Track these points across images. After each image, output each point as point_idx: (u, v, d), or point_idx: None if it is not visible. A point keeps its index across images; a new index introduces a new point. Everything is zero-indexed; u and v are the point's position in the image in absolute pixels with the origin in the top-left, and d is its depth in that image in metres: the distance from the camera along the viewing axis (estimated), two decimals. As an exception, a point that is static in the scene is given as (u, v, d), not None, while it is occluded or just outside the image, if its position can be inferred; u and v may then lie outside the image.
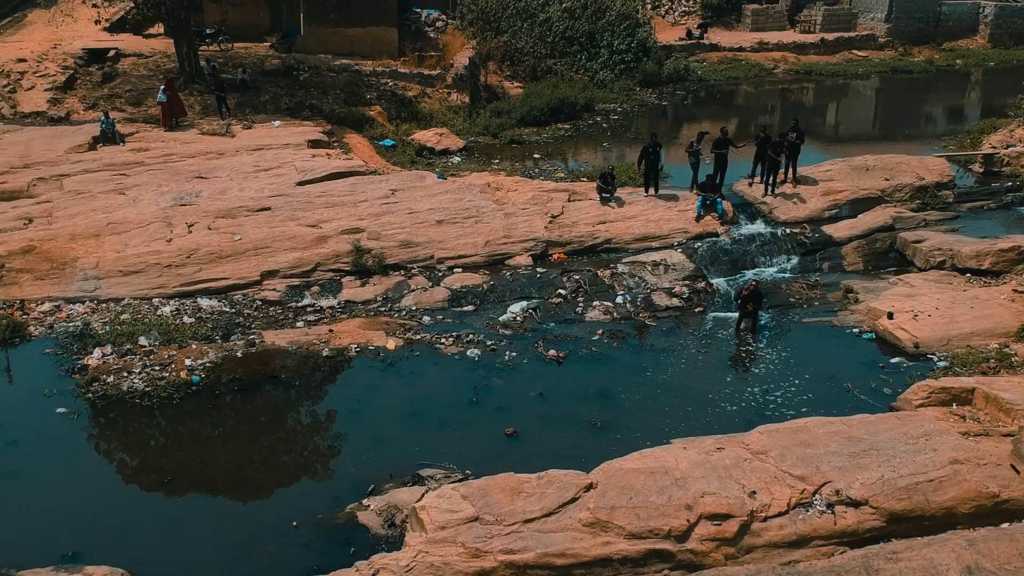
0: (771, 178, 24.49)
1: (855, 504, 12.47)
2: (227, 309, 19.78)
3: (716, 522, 12.08)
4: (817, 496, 12.57)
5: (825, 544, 12.25)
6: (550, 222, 22.86)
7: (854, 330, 19.45)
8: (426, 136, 29.41)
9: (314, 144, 26.72)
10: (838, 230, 23.50)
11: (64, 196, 22.86)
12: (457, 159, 28.64)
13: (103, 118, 26.25)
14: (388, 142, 28.78)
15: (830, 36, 49.05)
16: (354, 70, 33.93)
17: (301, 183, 23.60)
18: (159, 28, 37.33)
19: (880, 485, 12.60)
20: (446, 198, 23.30)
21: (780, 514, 12.35)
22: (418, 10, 41.19)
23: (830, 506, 12.47)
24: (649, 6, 47.59)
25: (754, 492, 12.50)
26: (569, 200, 23.90)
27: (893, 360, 18.20)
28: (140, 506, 13.69)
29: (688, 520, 12.03)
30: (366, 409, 16.40)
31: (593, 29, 40.79)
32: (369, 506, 13.46)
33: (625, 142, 32.09)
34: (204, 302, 19.98)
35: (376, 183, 23.88)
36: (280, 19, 37.76)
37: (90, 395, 16.31)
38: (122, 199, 22.69)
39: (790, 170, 24.91)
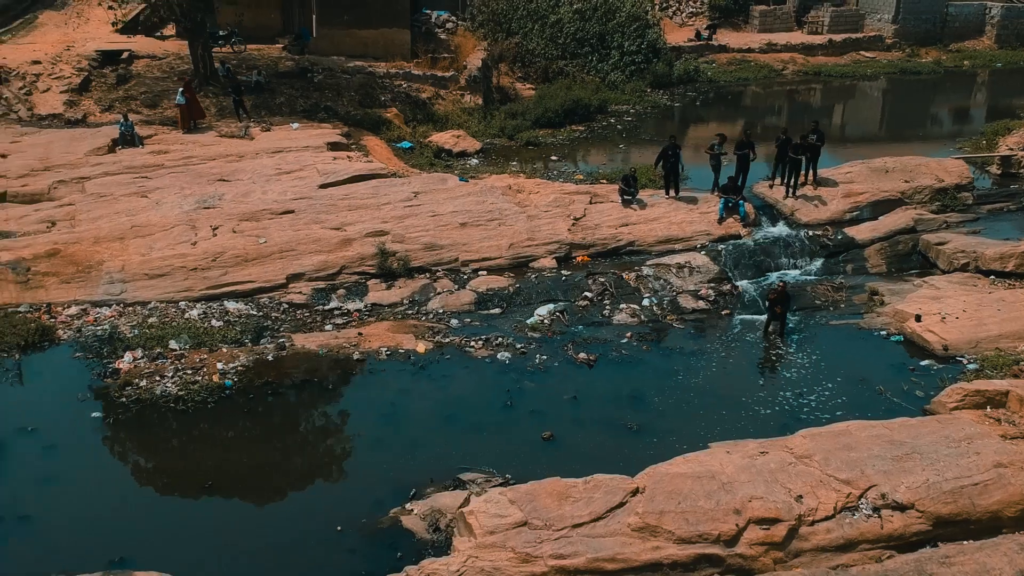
0: (792, 180, 24.50)
1: (901, 508, 12.48)
2: (254, 312, 19.76)
3: (764, 526, 12.10)
4: (863, 500, 12.59)
5: (872, 548, 12.27)
6: (573, 224, 22.86)
7: (881, 332, 19.48)
8: (443, 138, 29.41)
9: (333, 146, 26.71)
10: (860, 232, 23.52)
11: (86, 199, 22.82)
12: (475, 161, 28.64)
13: (122, 120, 26.22)
14: (406, 144, 28.77)
15: (838, 37, 49.11)
16: (368, 72, 33.90)
17: (323, 186, 23.58)
18: (171, 29, 37.29)
19: (925, 489, 12.62)
20: (468, 200, 23.29)
21: (827, 518, 12.36)
22: (428, 11, 41.10)
23: (876, 510, 12.49)
24: (657, 7, 47.62)
25: (800, 496, 12.51)
26: (591, 202, 23.89)
27: (923, 363, 18.23)
28: (183, 511, 13.69)
29: (737, 524, 12.04)
30: (400, 413, 16.38)
31: (603, 30, 40.79)
32: (412, 510, 13.45)
33: (640, 144, 32.12)
34: (231, 305, 19.96)
35: (398, 186, 23.87)
36: (292, 21, 37.70)
37: (124, 399, 16.27)
38: (145, 202, 22.66)
39: (810, 172, 24.90)
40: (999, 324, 18.99)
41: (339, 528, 13.12)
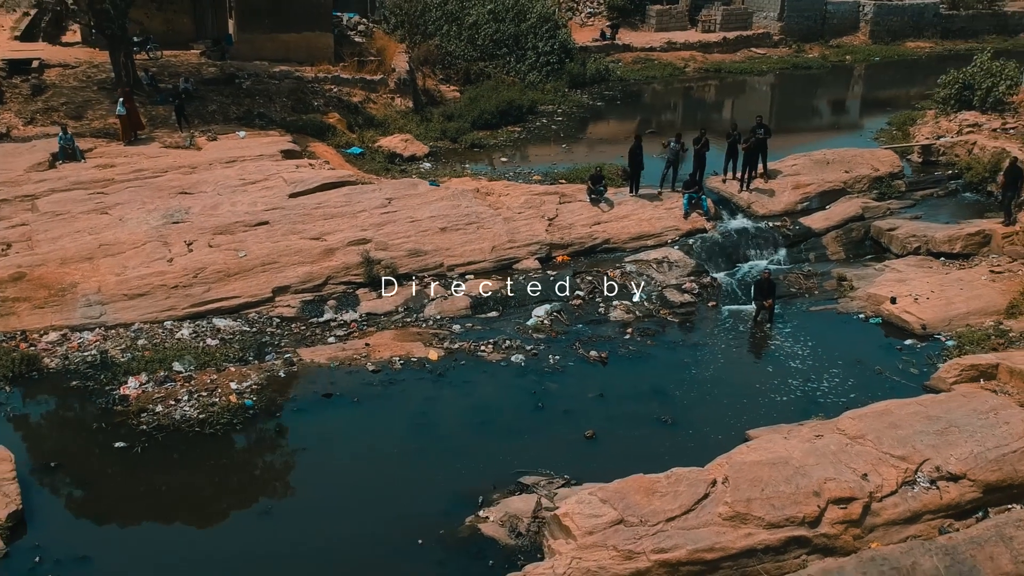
0: (745, 174, 25.49)
1: (954, 478, 13.32)
2: (247, 328, 19.17)
3: (842, 505, 12.70)
4: (919, 473, 13.36)
5: (934, 518, 13.06)
6: (549, 225, 23.11)
7: (859, 316, 20.57)
8: (393, 142, 29.08)
9: (287, 154, 26.01)
10: (815, 221, 24.70)
11: (41, 218, 21.49)
12: (427, 165, 28.46)
13: (61, 133, 24.70)
14: (356, 150, 28.30)
15: (731, 35, 51.06)
16: (296, 77, 33.12)
17: (293, 195, 22.96)
18: (75, 36, 35.45)
19: (973, 459, 13.50)
20: (443, 205, 23.18)
21: (891, 493, 13.06)
22: (338, 14, 40.47)
23: (933, 482, 13.28)
24: (562, 8, 48.33)
25: (866, 474, 13.18)
26: (560, 202, 24.18)
27: (907, 342, 19.37)
28: (251, 538, 13.15)
29: (818, 506, 12.59)
30: (435, 422, 16.26)
31: (518, 32, 41.16)
32: (488, 518, 13.43)
33: (580, 142, 32.71)
34: (220, 323, 19.29)
35: (370, 192, 23.50)
36: (205, 26, 36.40)
37: (144, 427, 15.53)
38: (107, 219, 21.54)
39: (759, 165, 25.94)
40: (965, 302, 20.38)
41: (420, 542, 12.97)
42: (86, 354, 17.87)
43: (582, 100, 38.89)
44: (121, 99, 25.91)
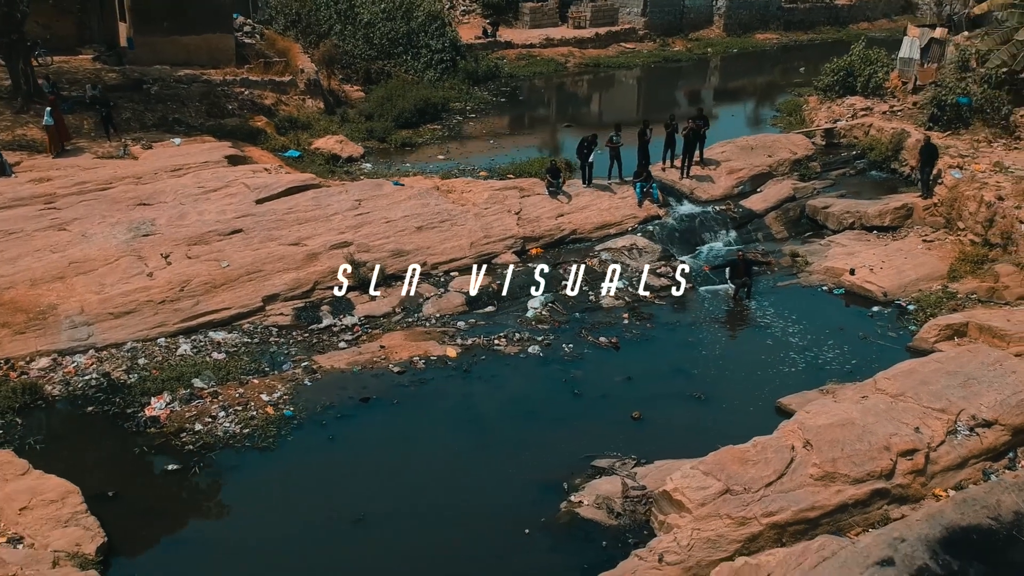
0: (685, 162, 26.72)
1: (988, 424, 14.72)
2: (249, 339, 18.59)
3: (908, 457, 13.83)
4: (959, 423, 14.69)
5: (978, 461, 14.42)
6: (518, 219, 23.46)
7: (823, 288, 22.05)
8: (329, 144, 28.53)
9: (233, 160, 25.11)
10: (754, 203, 26.19)
11: (-8, 238, 19.96)
12: (368, 166, 28.10)
13: (-14, 147, 22.97)
14: (293, 152, 27.61)
15: (601, 31, 52.61)
16: (204, 80, 31.82)
17: (260, 201, 22.27)
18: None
19: (1000, 406, 14.96)
20: (413, 204, 23.09)
21: (941, 443, 14.33)
22: (226, 16, 39.06)
23: (971, 429, 14.65)
24: (445, 7, 48.43)
25: (918, 428, 14.39)
26: (521, 197, 24.56)
27: (874, 309, 20.96)
28: (355, 546, 12.92)
29: (891, 459, 13.67)
30: (482, 416, 16.45)
31: (409, 30, 41.03)
32: (581, 502, 13.78)
33: (506, 137, 33.13)
34: (217, 335, 18.61)
35: (337, 195, 23.08)
36: (91, 29, 34.30)
37: (189, 447, 14.90)
38: (67, 235, 20.23)
39: (696, 153, 27.22)
40: (913, 269, 22.24)
41: (527, 531, 13.17)
42: (87, 378, 16.88)
43: (485, 97, 39.24)
44: (48, 109, 24.24)
